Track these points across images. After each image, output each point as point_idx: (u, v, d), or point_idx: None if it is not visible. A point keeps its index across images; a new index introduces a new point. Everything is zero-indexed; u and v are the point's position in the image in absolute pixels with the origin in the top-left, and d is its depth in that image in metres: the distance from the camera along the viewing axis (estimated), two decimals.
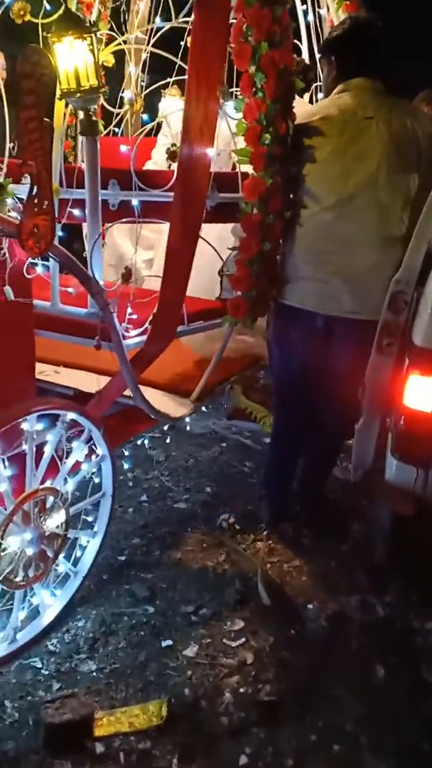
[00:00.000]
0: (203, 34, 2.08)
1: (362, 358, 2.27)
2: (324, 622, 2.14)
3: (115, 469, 2.12)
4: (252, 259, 2.22)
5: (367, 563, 2.42)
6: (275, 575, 2.37)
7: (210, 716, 1.78)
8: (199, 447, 3.33)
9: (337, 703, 1.83)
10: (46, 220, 1.58)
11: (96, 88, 1.85)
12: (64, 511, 1.93)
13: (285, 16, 2.15)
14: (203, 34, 2.08)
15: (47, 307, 2.05)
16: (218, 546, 2.53)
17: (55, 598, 2.04)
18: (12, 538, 1.80)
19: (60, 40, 1.79)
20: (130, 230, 3.15)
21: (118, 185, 2.13)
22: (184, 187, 2.10)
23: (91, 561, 2.13)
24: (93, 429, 1.97)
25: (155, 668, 1.93)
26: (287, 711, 1.80)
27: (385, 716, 1.79)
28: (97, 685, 1.86)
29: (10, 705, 1.78)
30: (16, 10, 2.18)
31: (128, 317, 2.07)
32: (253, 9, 2.05)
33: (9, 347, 1.87)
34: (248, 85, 2.13)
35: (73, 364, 2.55)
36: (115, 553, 2.43)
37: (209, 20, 2.06)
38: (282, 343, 2.43)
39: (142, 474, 3.04)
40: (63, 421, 1.89)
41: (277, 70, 2.09)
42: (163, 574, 2.34)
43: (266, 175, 2.12)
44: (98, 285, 1.90)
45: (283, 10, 2.13)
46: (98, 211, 1.96)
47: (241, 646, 2.03)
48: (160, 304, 2.14)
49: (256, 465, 3.16)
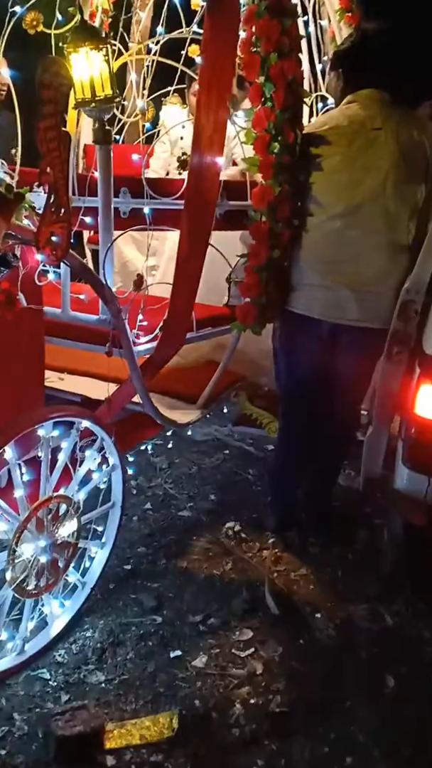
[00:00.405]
0: (213, 44, 2.09)
1: (368, 365, 2.29)
2: (333, 632, 2.13)
3: (125, 479, 2.11)
4: (261, 267, 2.23)
5: (374, 572, 2.41)
6: (282, 584, 2.36)
7: (221, 728, 1.77)
8: (201, 454, 3.32)
9: (349, 715, 1.82)
10: (63, 228, 1.58)
11: (111, 98, 1.87)
12: (76, 520, 1.92)
13: (294, 27, 2.17)
14: (213, 44, 2.09)
15: (58, 314, 2.04)
16: (224, 554, 2.52)
17: (64, 608, 2.03)
18: (26, 545, 1.79)
19: (76, 50, 1.80)
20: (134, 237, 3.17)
21: (130, 193, 2.14)
22: (195, 195, 2.11)
23: (100, 571, 2.12)
24: (105, 437, 1.96)
25: (164, 679, 1.92)
26: (299, 722, 1.79)
27: (398, 728, 1.78)
28: (106, 696, 1.84)
29: (19, 717, 1.76)
30: (28, 21, 2.19)
31: (139, 324, 2.07)
32: (262, 20, 2.08)
33: (20, 354, 1.86)
34: (257, 95, 2.15)
35: (77, 370, 2.55)
36: (120, 562, 2.41)
37: (219, 31, 2.08)
38: (288, 350, 2.44)
39: (145, 482, 3.03)
40: (77, 429, 1.89)
41: (287, 80, 2.11)
42: (169, 584, 2.33)
43: (275, 184, 2.13)
44: (111, 292, 1.90)
45: (292, 22, 2.15)
46: (111, 219, 1.97)
47: (250, 656, 2.02)
48: (170, 311, 2.15)
49: (259, 472, 3.16)
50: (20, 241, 1.58)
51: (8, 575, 1.75)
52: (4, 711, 1.78)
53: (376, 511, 2.82)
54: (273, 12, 2.05)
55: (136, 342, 2.06)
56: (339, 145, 2.16)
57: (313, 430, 2.51)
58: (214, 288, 2.70)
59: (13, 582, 1.76)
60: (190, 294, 2.20)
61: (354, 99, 2.22)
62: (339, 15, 3.22)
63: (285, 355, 2.47)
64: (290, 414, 2.56)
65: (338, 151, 2.16)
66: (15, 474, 1.74)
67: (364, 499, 2.75)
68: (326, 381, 2.34)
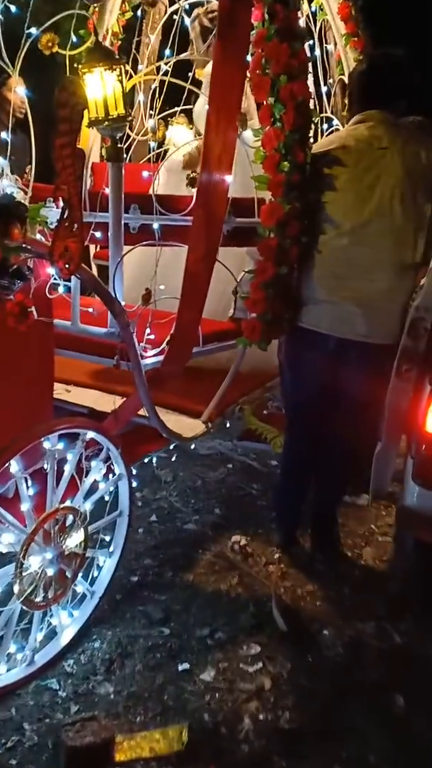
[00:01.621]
0: (223, 66, 2.15)
1: (374, 381, 2.28)
2: (341, 649, 2.12)
3: (131, 489, 2.12)
4: (267, 282, 2.26)
5: (381, 590, 2.41)
6: (289, 600, 2.35)
7: (231, 743, 1.75)
8: (205, 468, 3.33)
9: (358, 733, 1.80)
10: (76, 242, 1.61)
11: (123, 117, 1.92)
12: (82, 531, 1.92)
13: (302, 50, 2.23)
14: (223, 66, 2.15)
15: (68, 326, 2.07)
16: (230, 569, 2.51)
17: (73, 618, 2.02)
18: (33, 557, 1.79)
19: (91, 71, 1.85)
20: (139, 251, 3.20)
21: (139, 209, 2.18)
22: (203, 212, 2.15)
23: (108, 581, 2.12)
24: (111, 448, 1.98)
25: (173, 692, 1.91)
26: (308, 740, 1.77)
27: (409, 748, 1.77)
28: (115, 708, 1.84)
29: (29, 727, 1.75)
30: (44, 42, 2.25)
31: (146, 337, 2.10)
32: (272, 43, 2.13)
33: (31, 366, 1.89)
34: (267, 115, 2.19)
35: (83, 383, 2.57)
36: (127, 574, 2.41)
37: (229, 53, 2.14)
38: (295, 365, 2.45)
39: (150, 494, 3.03)
40: (83, 440, 1.90)
41: (296, 101, 2.16)
42: (176, 596, 2.33)
43: (284, 201, 2.17)
44: (120, 306, 1.93)
45: (300, 45, 2.21)
46: (121, 235, 2.01)
47: (258, 671, 2.01)
48: (177, 326, 2.18)
49: (263, 487, 3.16)
50: (34, 255, 1.61)
51: (16, 588, 1.76)
52: (14, 721, 1.78)
53: (383, 527, 2.83)
54: (282, 35, 2.11)
55: (143, 355, 2.09)
56: (346, 164, 2.20)
57: (318, 445, 2.53)
58: (219, 301, 2.74)
59: (21, 595, 1.76)
60: (196, 309, 2.23)
61: (362, 119, 2.27)
62: (345, 40, 3.31)
63: (291, 369, 2.48)
64: (296, 429, 2.57)
65: (345, 170, 2.20)
66: (21, 487, 1.75)
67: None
68: (333, 395, 2.34)
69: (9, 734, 1.74)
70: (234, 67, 2.16)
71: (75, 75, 1.88)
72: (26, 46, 2.23)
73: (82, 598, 2.06)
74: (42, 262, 1.69)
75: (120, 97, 1.89)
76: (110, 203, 1.97)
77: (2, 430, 1.74)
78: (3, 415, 1.79)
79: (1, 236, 1.41)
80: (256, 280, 2.29)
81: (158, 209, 2.13)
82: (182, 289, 2.17)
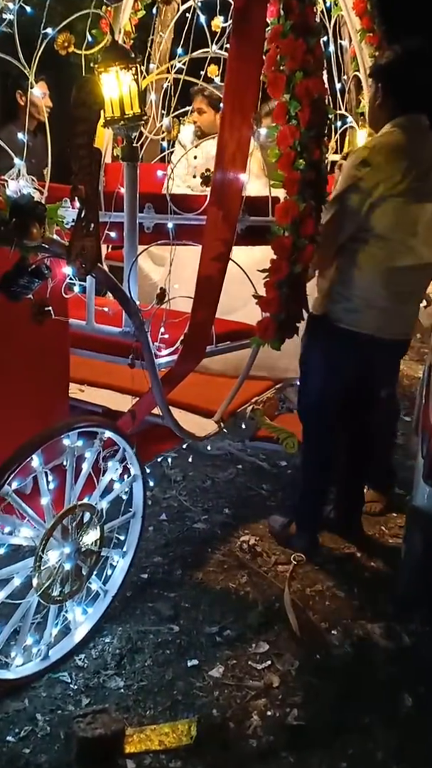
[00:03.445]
0: (238, 63, 2.16)
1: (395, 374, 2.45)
2: (349, 648, 2.13)
3: (145, 490, 2.14)
4: (282, 281, 2.27)
5: (390, 590, 2.41)
6: (298, 599, 2.36)
7: (239, 738, 1.77)
8: (215, 468, 3.35)
9: (366, 731, 1.81)
10: (93, 242, 1.63)
11: (139, 116, 1.93)
12: (99, 529, 1.95)
13: (318, 46, 2.22)
14: (238, 63, 2.16)
15: (82, 325, 2.09)
16: (239, 567, 2.53)
17: (86, 615, 2.05)
18: (52, 552, 1.82)
19: (107, 70, 1.87)
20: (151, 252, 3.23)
21: (154, 209, 2.20)
22: (217, 210, 2.16)
23: (121, 580, 2.14)
24: (127, 448, 2.00)
25: (182, 687, 1.93)
26: (316, 736, 1.78)
27: (417, 747, 1.77)
28: (125, 701, 1.86)
29: (41, 718, 1.78)
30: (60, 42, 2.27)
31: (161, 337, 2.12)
32: (287, 39, 2.13)
33: (46, 365, 1.91)
34: (282, 113, 2.19)
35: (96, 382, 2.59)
36: (137, 571, 2.42)
37: (244, 50, 2.14)
38: (332, 366, 2.42)
39: (160, 493, 3.05)
40: (101, 439, 1.92)
41: (312, 98, 2.15)
42: (185, 594, 2.34)
43: (300, 200, 2.18)
44: (135, 305, 1.95)
45: (316, 41, 2.20)
46: (136, 234, 2.02)
47: (266, 668, 2.02)
48: (191, 325, 2.19)
49: (272, 488, 3.18)
50: (51, 254, 1.63)
51: (35, 581, 1.78)
52: (27, 711, 1.80)
53: (394, 529, 2.83)
54: (298, 31, 2.10)
55: (157, 354, 2.10)
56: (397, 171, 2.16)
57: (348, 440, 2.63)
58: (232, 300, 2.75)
59: (39, 588, 1.79)
60: (210, 308, 2.24)
61: (400, 124, 2.21)
62: (360, 35, 3.29)
63: (322, 370, 2.44)
64: (325, 429, 2.56)
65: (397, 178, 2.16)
66: (42, 482, 1.78)
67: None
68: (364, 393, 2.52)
69: (22, 724, 1.77)
70: (249, 64, 2.16)
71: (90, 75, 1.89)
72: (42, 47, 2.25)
73: (96, 596, 2.08)
74: (58, 261, 1.72)
75: (136, 96, 1.90)
76: (125, 203, 1.99)
77: (19, 429, 1.77)
78: (19, 414, 1.81)
79: (21, 236, 1.43)
80: (270, 279, 2.30)
81: (173, 208, 2.15)
82: (196, 288, 2.19)
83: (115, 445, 2.00)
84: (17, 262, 1.50)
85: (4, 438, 1.74)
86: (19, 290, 1.49)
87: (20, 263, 1.49)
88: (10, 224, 1.43)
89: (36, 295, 1.57)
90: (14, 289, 1.48)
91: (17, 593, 1.83)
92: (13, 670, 1.82)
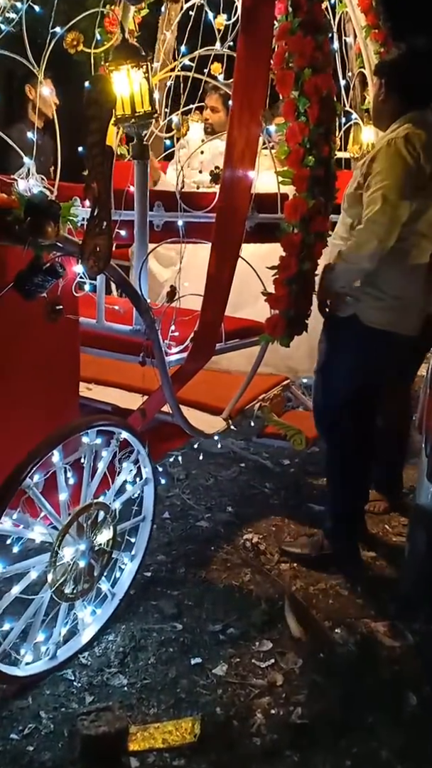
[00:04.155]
0: (246, 60, 2.16)
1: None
2: (353, 647, 2.13)
3: (156, 494, 2.15)
4: (291, 279, 2.27)
5: (394, 588, 2.42)
6: (301, 598, 2.37)
7: (243, 736, 1.77)
8: (218, 466, 3.35)
9: (371, 731, 1.81)
10: (106, 240, 1.63)
11: (150, 114, 1.92)
12: (112, 529, 1.96)
13: (326, 43, 2.22)
14: (246, 60, 2.16)
15: (93, 324, 2.09)
16: (243, 566, 2.53)
17: (94, 616, 2.05)
18: (67, 548, 1.83)
19: (118, 68, 1.87)
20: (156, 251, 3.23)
21: (163, 206, 2.20)
22: (226, 208, 2.16)
23: (129, 583, 2.15)
24: (141, 450, 2.01)
25: (185, 685, 1.93)
26: (320, 735, 1.79)
27: (422, 746, 1.77)
28: (129, 699, 1.86)
29: (45, 716, 1.79)
30: (69, 41, 2.27)
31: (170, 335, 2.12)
32: (296, 36, 2.12)
33: (56, 364, 1.91)
34: (291, 109, 2.19)
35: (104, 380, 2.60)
36: (141, 569, 2.43)
37: (252, 47, 2.14)
38: (366, 370, 2.37)
39: (163, 491, 3.05)
40: (117, 439, 1.93)
41: (321, 95, 2.15)
42: (189, 592, 2.35)
43: (309, 196, 2.18)
44: (146, 303, 1.95)
45: (324, 38, 2.20)
46: (146, 232, 2.02)
47: (270, 667, 2.03)
48: (201, 323, 2.19)
49: (275, 486, 3.19)
50: (64, 253, 1.63)
51: (50, 577, 1.79)
52: (31, 709, 1.81)
53: (397, 527, 2.84)
54: (306, 28, 2.10)
55: (167, 352, 2.10)
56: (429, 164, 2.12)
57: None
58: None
59: (53, 584, 1.79)
60: (219, 305, 2.25)
61: (413, 119, 2.16)
62: (365, 32, 3.28)
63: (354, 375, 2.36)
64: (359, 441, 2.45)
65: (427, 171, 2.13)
66: (60, 477, 1.79)
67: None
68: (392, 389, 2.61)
69: (26, 722, 1.77)
70: (257, 62, 2.16)
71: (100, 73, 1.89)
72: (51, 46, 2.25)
73: (104, 598, 2.09)
74: (68, 259, 1.72)
75: (146, 94, 1.90)
76: (136, 201, 1.99)
77: (29, 428, 1.77)
78: (30, 413, 1.81)
79: (36, 234, 1.43)
80: (280, 276, 2.30)
81: (182, 206, 2.15)
82: (206, 285, 2.19)
83: (129, 446, 2.00)
84: (31, 260, 1.49)
85: (16, 436, 1.74)
86: (33, 289, 1.49)
87: (34, 262, 1.49)
88: (24, 223, 1.42)
89: (48, 293, 1.57)
90: (29, 288, 1.48)
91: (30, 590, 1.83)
92: (23, 667, 1.82)
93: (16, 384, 1.77)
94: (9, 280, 1.53)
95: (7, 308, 1.60)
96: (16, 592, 1.78)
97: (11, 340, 1.72)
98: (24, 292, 1.49)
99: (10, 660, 1.80)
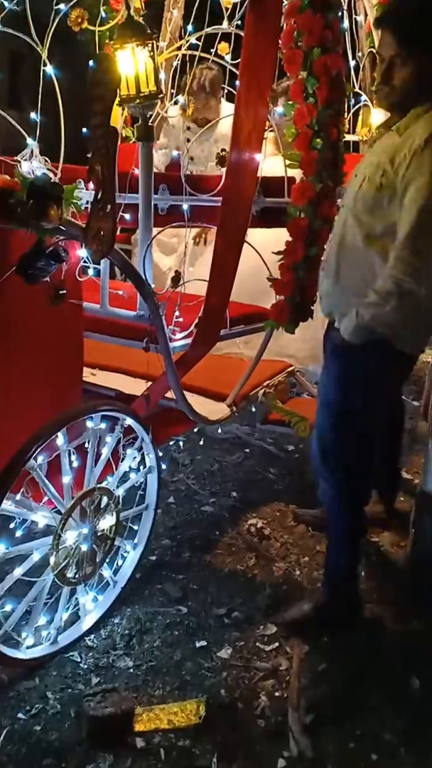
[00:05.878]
0: (254, 39, 2.11)
1: None
2: (357, 632, 2.14)
3: (160, 483, 2.15)
4: (297, 264, 2.24)
5: (399, 573, 2.43)
6: (306, 582, 2.38)
7: (247, 718, 1.79)
8: (223, 452, 3.35)
9: (374, 713, 1.83)
10: (110, 224, 1.61)
11: (155, 94, 1.89)
12: (115, 515, 1.96)
13: (336, 21, 2.16)
14: (254, 39, 2.11)
15: (97, 309, 2.08)
16: (247, 550, 2.54)
17: (96, 603, 2.06)
18: (70, 532, 1.84)
19: (123, 47, 1.83)
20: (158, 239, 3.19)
21: (168, 190, 2.17)
22: (231, 191, 2.13)
23: (130, 572, 2.17)
24: (145, 437, 2.00)
25: (190, 668, 1.95)
26: (324, 717, 1.80)
27: (424, 728, 1.79)
28: (134, 681, 1.89)
29: (52, 696, 1.81)
30: (73, 18, 2.23)
31: (175, 321, 2.10)
32: (305, 14, 2.07)
33: (60, 349, 1.90)
34: (299, 90, 2.15)
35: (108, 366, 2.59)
36: (146, 553, 2.44)
37: (260, 26, 2.09)
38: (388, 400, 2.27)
39: (168, 476, 3.06)
40: (121, 425, 1.93)
41: (330, 75, 2.10)
42: (194, 576, 2.36)
43: (316, 180, 2.14)
44: (151, 289, 1.93)
45: (334, 16, 2.14)
46: (151, 216, 2.00)
47: (274, 650, 2.04)
48: (205, 308, 2.17)
49: (280, 472, 3.19)
50: (68, 236, 1.62)
51: (52, 560, 1.80)
52: (38, 689, 1.83)
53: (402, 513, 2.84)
54: (315, 6, 2.04)
55: (171, 338, 2.09)
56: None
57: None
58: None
59: (56, 567, 1.80)
60: (224, 291, 2.23)
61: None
62: (377, 10, 3.20)
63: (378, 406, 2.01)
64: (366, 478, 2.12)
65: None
66: (64, 461, 1.79)
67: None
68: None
69: (33, 702, 1.80)
70: (265, 41, 2.11)
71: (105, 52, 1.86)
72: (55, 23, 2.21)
73: (106, 585, 2.10)
74: (72, 243, 1.70)
75: (152, 73, 1.86)
76: (140, 184, 1.96)
77: (33, 412, 1.77)
78: (34, 398, 1.81)
79: (39, 217, 1.41)
80: (286, 261, 2.27)
81: (187, 189, 2.12)
82: (210, 271, 2.17)
83: (134, 433, 2.00)
84: (34, 244, 1.48)
85: (18, 420, 1.74)
86: (36, 273, 1.48)
87: (37, 246, 1.47)
88: (27, 206, 1.41)
89: (52, 277, 1.56)
90: (32, 272, 1.47)
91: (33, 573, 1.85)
92: (23, 650, 1.84)
93: (19, 368, 1.77)
94: (12, 264, 1.52)
95: (10, 292, 1.59)
96: (18, 573, 1.80)
97: (14, 325, 1.71)
98: (27, 276, 1.48)
99: (11, 642, 1.82)
